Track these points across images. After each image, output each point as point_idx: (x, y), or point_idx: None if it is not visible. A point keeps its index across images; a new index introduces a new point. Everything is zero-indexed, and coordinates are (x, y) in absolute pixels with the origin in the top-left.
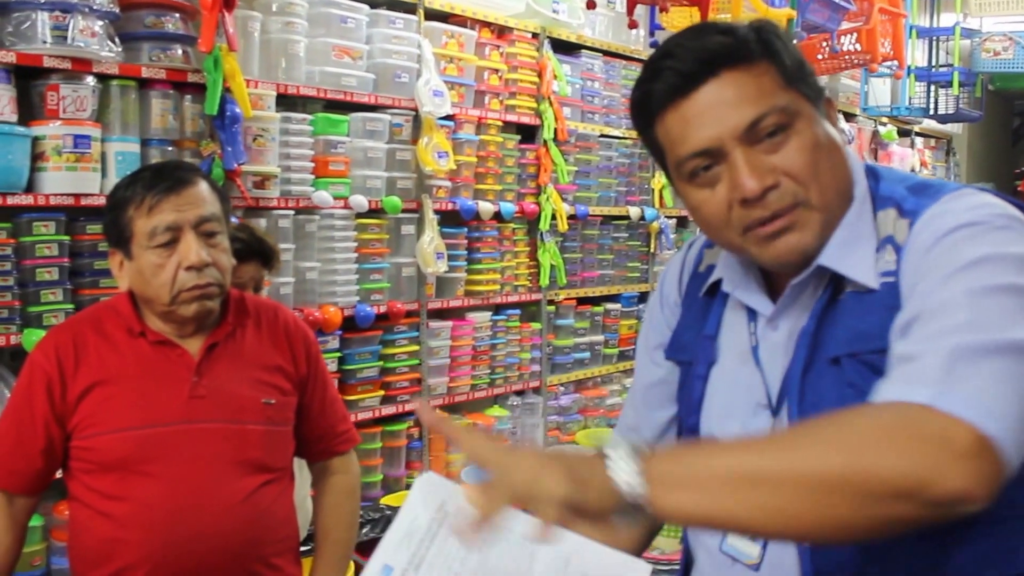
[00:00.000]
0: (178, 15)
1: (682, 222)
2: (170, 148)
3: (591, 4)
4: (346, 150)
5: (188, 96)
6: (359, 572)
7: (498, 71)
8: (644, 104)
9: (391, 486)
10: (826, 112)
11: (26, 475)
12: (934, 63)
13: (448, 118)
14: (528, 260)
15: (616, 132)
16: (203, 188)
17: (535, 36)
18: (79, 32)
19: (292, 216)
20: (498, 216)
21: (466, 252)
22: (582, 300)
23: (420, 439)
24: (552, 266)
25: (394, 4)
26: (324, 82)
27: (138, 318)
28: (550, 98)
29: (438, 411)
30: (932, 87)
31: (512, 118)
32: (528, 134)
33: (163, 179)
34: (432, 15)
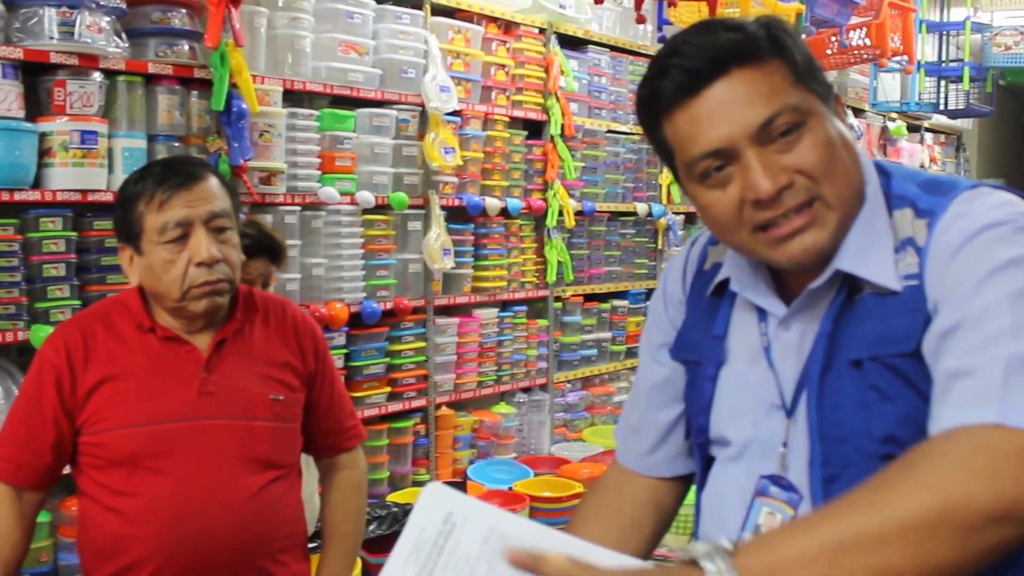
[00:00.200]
0: (184, 11)
1: (690, 218)
2: (176, 144)
3: None
4: (352, 146)
5: (194, 92)
6: (366, 568)
7: (505, 67)
8: (651, 102)
9: (397, 483)
10: (835, 109)
11: (35, 470)
12: (944, 58)
13: (455, 114)
14: (535, 256)
15: (623, 128)
16: (213, 183)
17: (542, 31)
18: (86, 28)
19: (298, 212)
20: (505, 212)
21: (473, 248)
22: (589, 297)
23: (426, 436)
24: (559, 262)
25: None
26: (330, 78)
27: (148, 314)
28: (557, 94)
29: (522, 551)
30: (942, 82)
31: (519, 114)
32: (535, 130)
33: (173, 174)
34: (438, 10)
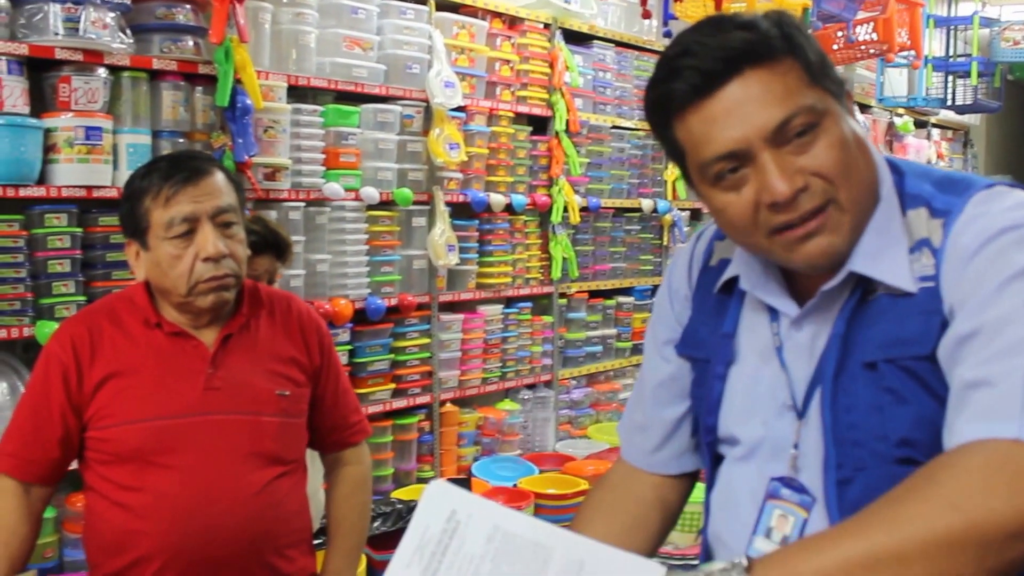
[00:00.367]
0: (189, 6)
1: (695, 214)
2: (181, 140)
3: None
4: (357, 142)
5: (199, 88)
6: (370, 565)
7: (509, 62)
8: (663, 103)
9: (402, 480)
10: (848, 106)
11: (42, 465)
12: (952, 53)
13: (459, 109)
14: (540, 253)
15: (628, 123)
16: (219, 178)
17: (547, 26)
18: (91, 24)
19: (303, 208)
20: (510, 208)
21: (477, 244)
22: (594, 293)
23: (431, 432)
24: (564, 259)
25: None
26: (335, 73)
27: (154, 309)
28: (562, 89)
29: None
30: (950, 77)
31: (524, 109)
32: (540, 125)
33: (180, 169)
34: (443, 6)
